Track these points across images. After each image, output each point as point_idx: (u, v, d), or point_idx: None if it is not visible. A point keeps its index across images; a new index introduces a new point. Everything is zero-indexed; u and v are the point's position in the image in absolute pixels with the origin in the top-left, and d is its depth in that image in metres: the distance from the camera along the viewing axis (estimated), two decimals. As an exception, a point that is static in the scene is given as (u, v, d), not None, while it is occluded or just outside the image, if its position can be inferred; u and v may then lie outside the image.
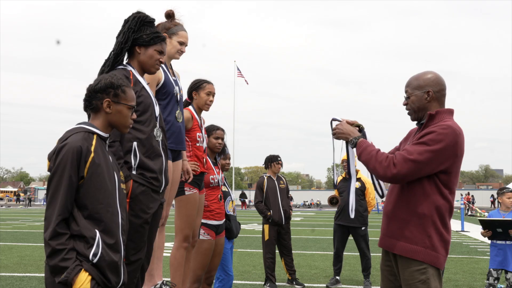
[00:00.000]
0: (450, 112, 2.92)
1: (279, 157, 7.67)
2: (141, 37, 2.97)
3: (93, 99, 2.46)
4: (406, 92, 2.97)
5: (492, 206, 49.20)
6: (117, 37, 3.00)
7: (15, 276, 7.67)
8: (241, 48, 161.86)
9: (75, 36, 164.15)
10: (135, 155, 2.84)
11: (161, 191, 3.01)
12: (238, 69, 40.46)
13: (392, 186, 2.98)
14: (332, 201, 7.30)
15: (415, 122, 3.02)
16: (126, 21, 3.01)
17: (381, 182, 3.28)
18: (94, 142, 2.35)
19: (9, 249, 11.32)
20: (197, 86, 4.37)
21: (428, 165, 2.74)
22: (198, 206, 4.18)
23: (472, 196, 47.41)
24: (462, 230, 18.53)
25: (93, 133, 2.40)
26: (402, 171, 2.75)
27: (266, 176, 7.60)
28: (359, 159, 2.96)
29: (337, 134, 3.11)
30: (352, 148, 3.04)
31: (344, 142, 3.14)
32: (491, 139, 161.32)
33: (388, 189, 3.05)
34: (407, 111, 2.99)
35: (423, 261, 2.74)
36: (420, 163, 2.73)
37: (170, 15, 3.74)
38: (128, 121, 2.52)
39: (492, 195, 52.27)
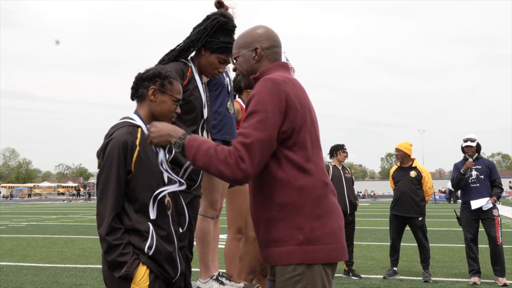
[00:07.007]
0: (280, 65, 2.25)
1: (344, 146, 7.71)
2: (211, 42, 2.90)
3: (140, 87, 2.46)
4: (233, 54, 2.34)
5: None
6: (193, 30, 2.94)
7: (78, 268, 7.96)
8: (291, 39, 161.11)
9: (135, 35, 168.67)
10: (170, 152, 2.73)
11: (195, 187, 2.97)
12: (288, 60, 40.32)
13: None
14: None
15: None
16: (207, 18, 2.94)
17: None
18: (139, 135, 2.34)
19: (71, 242, 11.77)
20: None
21: (272, 137, 2.06)
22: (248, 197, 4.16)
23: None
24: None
25: (138, 126, 2.39)
26: (254, 160, 2.02)
27: (331, 165, 7.61)
28: (194, 164, 2.09)
29: (153, 139, 2.19)
30: (180, 152, 2.12)
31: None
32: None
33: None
34: (238, 78, 2.39)
35: (302, 262, 2.04)
36: (263, 140, 2.03)
37: (219, 4, 3.64)
38: (170, 113, 2.48)
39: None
